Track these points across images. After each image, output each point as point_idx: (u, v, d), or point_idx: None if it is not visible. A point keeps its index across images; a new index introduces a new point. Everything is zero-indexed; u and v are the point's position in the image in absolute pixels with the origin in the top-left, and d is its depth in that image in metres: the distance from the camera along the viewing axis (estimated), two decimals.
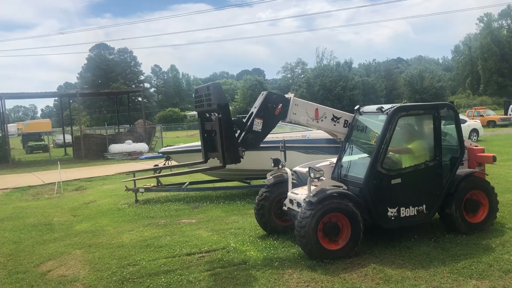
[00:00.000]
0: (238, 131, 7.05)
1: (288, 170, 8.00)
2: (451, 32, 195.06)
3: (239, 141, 6.84)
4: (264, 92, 7.26)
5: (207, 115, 7.20)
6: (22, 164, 28.29)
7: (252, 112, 7.11)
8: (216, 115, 6.70)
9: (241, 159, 6.86)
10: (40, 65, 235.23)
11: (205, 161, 7.52)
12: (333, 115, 7.70)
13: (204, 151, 7.36)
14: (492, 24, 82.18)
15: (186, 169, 10.39)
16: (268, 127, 7.17)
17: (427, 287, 5.55)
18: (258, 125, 6.96)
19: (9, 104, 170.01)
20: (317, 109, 7.60)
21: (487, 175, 8.24)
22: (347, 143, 7.79)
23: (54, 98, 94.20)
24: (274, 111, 7.11)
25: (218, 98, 6.61)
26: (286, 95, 7.56)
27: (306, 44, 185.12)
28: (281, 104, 7.20)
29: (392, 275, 5.94)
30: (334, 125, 7.71)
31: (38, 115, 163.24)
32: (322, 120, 7.57)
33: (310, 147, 11.96)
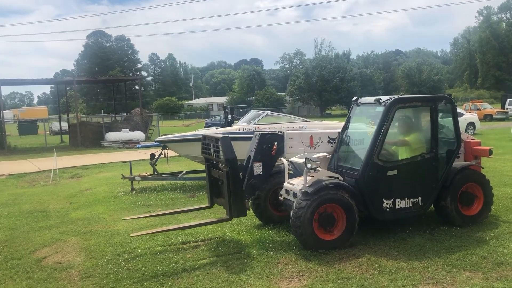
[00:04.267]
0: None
1: (284, 160, 8.01)
2: (450, 25, 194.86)
3: (243, 187, 6.94)
4: (257, 134, 7.29)
5: (214, 162, 7.38)
6: (18, 151, 28.19)
7: (250, 156, 7.17)
8: (224, 166, 6.84)
9: (248, 211, 7.10)
10: (36, 51, 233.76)
11: (211, 206, 7.77)
12: (329, 137, 7.78)
13: (210, 195, 7.61)
14: (492, 18, 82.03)
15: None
16: (268, 168, 7.29)
17: (421, 278, 5.59)
18: (258, 168, 7.11)
19: (5, 90, 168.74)
20: (311, 136, 7.64)
21: (483, 168, 8.26)
22: (344, 134, 7.79)
23: (51, 85, 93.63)
24: (271, 151, 7.20)
25: (227, 153, 6.77)
26: (278, 131, 7.59)
27: (305, 34, 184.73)
28: (275, 143, 7.25)
29: (387, 266, 5.98)
30: (332, 146, 7.80)
31: (35, 102, 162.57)
32: (319, 146, 7.63)
33: None
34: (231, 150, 6.84)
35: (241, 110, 26.56)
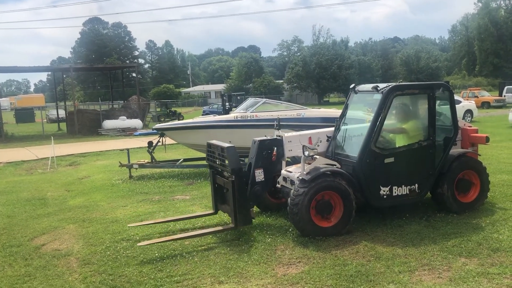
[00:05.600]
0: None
1: None
2: (449, 11, 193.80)
3: (247, 195, 6.92)
4: (256, 140, 7.24)
5: (219, 169, 7.36)
6: (15, 139, 28.14)
7: (251, 163, 7.15)
8: (230, 176, 6.83)
9: (252, 219, 7.10)
10: (32, 38, 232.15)
11: (215, 212, 7.77)
12: (327, 136, 7.77)
13: (215, 202, 7.62)
14: (490, 4, 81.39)
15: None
16: (270, 173, 7.26)
17: (417, 265, 5.64)
18: (260, 175, 7.10)
19: (2, 78, 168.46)
20: (310, 137, 7.61)
21: (480, 155, 8.30)
22: (341, 122, 7.79)
23: (48, 73, 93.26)
24: (271, 157, 7.17)
25: (233, 163, 6.76)
26: (277, 134, 7.55)
27: (303, 21, 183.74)
28: (275, 148, 7.23)
29: (383, 253, 6.03)
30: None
31: (31, 89, 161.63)
32: (318, 145, 7.59)
33: (304, 126, 11.96)
34: (237, 159, 6.85)
35: (238, 97, 26.48)
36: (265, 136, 7.51)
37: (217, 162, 7.29)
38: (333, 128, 7.88)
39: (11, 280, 5.83)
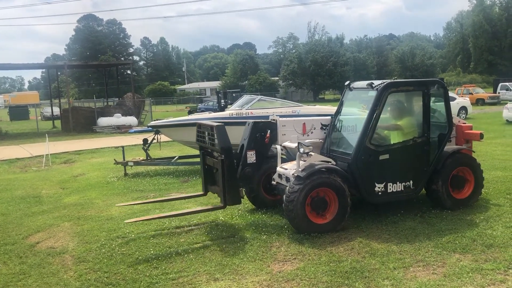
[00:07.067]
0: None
1: (277, 145, 8.02)
2: (443, 8, 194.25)
3: (238, 176, 6.92)
4: (250, 123, 7.27)
5: (209, 150, 7.36)
6: (9, 137, 27.98)
7: (243, 145, 7.14)
8: (219, 155, 6.81)
9: (241, 199, 7.14)
10: (26, 35, 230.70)
11: (205, 193, 7.80)
12: (322, 124, 7.79)
13: (205, 183, 7.62)
14: (485, 1, 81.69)
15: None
16: (262, 156, 7.26)
17: (412, 261, 5.66)
18: (251, 157, 7.11)
19: None
20: (304, 123, 7.63)
21: (474, 152, 8.34)
22: (336, 119, 7.80)
23: (42, 70, 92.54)
24: (264, 139, 7.19)
25: (222, 141, 6.75)
26: (271, 118, 7.59)
27: (298, 18, 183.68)
28: (269, 131, 7.24)
29: (378, 249, 6.05)
30: (325, 133, 7.82)
31: (25, 87, 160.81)
32: (312, 132, 7.64)
33: None
34: (226, 138, 6.84)
35: (234, 94, 26.50)
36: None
37: (207, 142, 7.26)
38: (328, 117, 7.91)
39: (6, 278, 5.81)
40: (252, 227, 7.12)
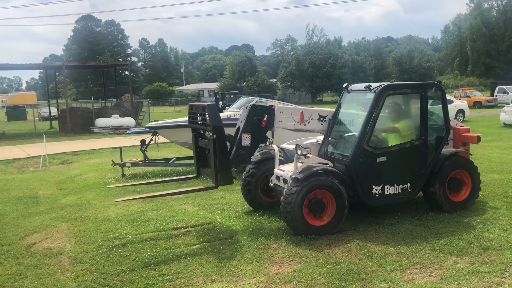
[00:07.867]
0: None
1: (275, 147, 8.03)
2: (441, 11, 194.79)
3: (231, 157, 6.87)
4: (248, 106, 7.27)
5: (201, 131, 7.28)
6: (7, 137, 27.92)
7: (239, 127, 7.11)
8: (211, 134, 6.75)
9: (234, 179, 7.02)
10: (24, 36, 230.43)
11: (198, 176, 7.73)
12: (319, 115, 7.77)
13: (197, 166, 7.55)
14: (483, 5, 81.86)
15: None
16: (257, 140, 7.25)
17: (409, 263, 5.67)
18: (246, 140, 7.08)
19: None
20: (302, 112, 7.64)
21: (471, 155, 8.36)
22: (334, 121, 7.82)
23: (40, 70, 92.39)
24: (261, 123, 7.18)
25: (214, 120, 6.66)
26: (270, 104, 7.60)
27: (296, 20, 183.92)
28: (266, 115, 7.23)
29: (375, 251, 6.06)
30: (321, 124, 7.82)
31: (23, 87, 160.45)
32: (309, 122, 7.65)
33: None
34: (218, 117, 6.75)
35: (232, 96, 26.48)
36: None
37: (199, 122, 7.16)
38: (326, 108, 7.92)
39: (2, 279, 5.79)
40: (250, 229, 7.11)
